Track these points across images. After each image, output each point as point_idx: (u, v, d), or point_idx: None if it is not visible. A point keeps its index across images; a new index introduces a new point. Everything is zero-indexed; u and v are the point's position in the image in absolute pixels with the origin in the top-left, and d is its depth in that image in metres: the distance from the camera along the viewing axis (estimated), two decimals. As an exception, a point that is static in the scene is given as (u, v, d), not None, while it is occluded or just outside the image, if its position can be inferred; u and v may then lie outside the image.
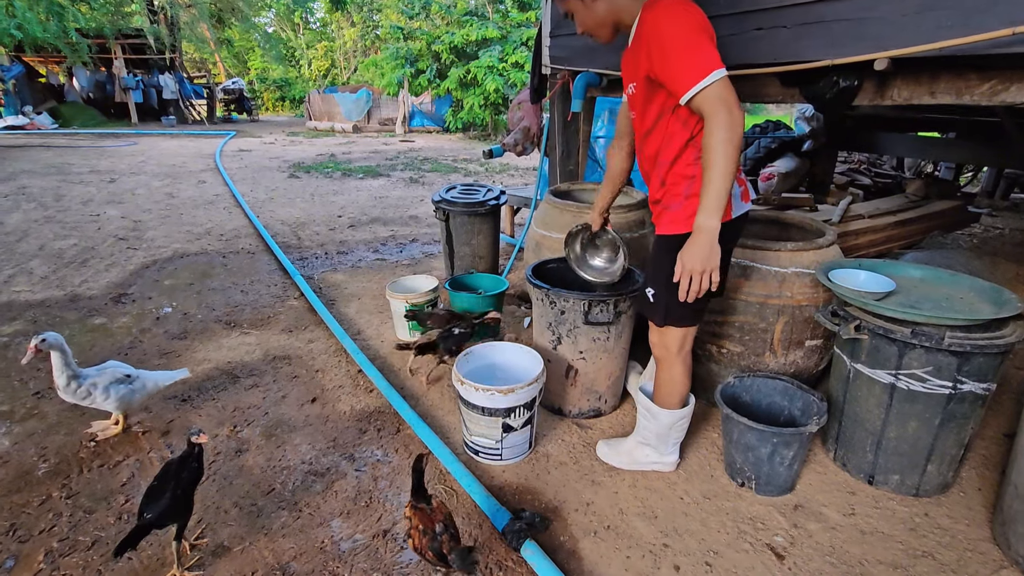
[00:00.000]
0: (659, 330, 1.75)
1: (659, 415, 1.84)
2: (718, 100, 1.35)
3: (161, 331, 3.04)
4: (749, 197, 1.69)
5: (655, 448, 1.92)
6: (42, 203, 5.94)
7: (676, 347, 1.74)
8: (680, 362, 1.77)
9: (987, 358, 1.61)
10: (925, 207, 4.01)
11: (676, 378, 1.79)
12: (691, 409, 1.88)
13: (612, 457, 2.00)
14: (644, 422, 1.91)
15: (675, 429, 1.87)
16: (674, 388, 1.81)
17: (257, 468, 1.98)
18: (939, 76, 1.74)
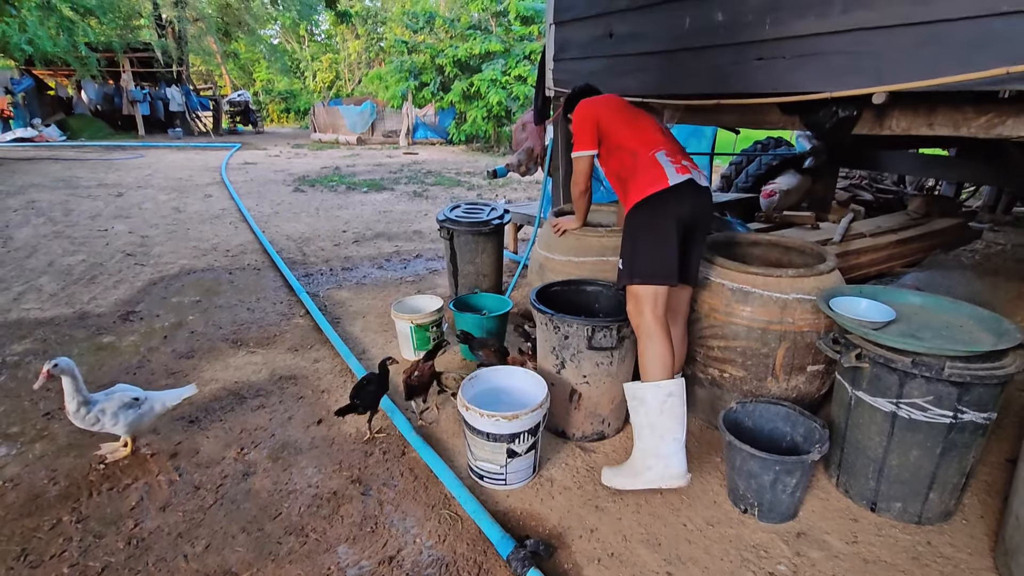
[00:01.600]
0: (633, 295, 1.96)
1: (646, 393, 1.89)
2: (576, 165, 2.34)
3: (169, 350, 3.07)
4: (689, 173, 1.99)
5: (655, 451, 1.88)
6: (51, 217, 6.01)
7: (649, 307, 1.91)
8: (656, 323, 1.91)
9: (987, 388, 1.62)
10: (927, 225, 4.03)
11: (655, 341, 1.90)
12: (681, 386, 1.90)
13: (616, 479, 1.99)
14: (636, 418, 1.93)
15: (667, 412, 1.87)
16: (656, 357, 1.89)
17: (264, 492, 2.00)
18: (936, 109, 1.78)
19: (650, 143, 2.07)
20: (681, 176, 1.96)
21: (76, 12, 13.00)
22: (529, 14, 12.84)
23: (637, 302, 1.94)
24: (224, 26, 17.15)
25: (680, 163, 2.01)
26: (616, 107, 2.23)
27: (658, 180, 1.95)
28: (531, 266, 2.94)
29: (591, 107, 2.24)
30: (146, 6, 15.08)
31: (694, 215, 1.99)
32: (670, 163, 1.99)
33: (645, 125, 2.16)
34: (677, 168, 1.99)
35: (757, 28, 2.09)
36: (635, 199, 1.98)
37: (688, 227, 1.98)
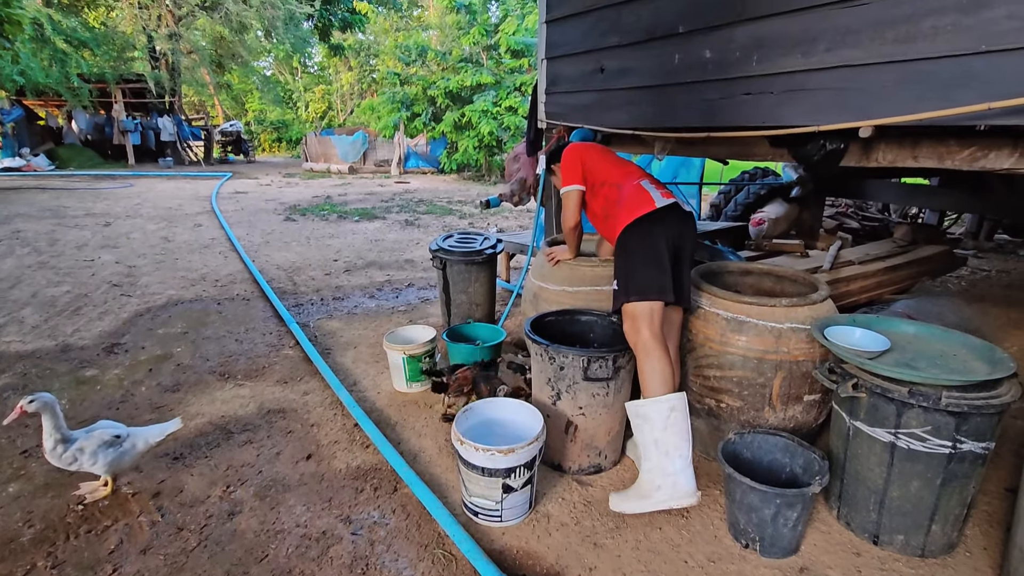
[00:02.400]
0: (629, 315, 2.00)
1: (649, 410, 1.90)
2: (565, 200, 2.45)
3: (154, 383, 3.00)
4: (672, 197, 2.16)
5: (662, 469, 1.87)
6: (36, 248, 5.94)
7: (646, 324, 1.95)
8: (654, 339, 1.94)
9: (985, 418, 1.62)
10: (913, 252, 4.09)
11: (655, 362, 1.92)
12: (683, 400, 1.91)
13: (625, 503, 1.96)
14: (641, 436, 1.95)
15: (671, 429, 1.87)
16: (656, 373, 1.91)
17: (250, 532, 1.92)
18: (921, 142, 1.82)
19: (633, 175, 2.25)
20: (667, 200, 2.11)
21: (70, 44, 13.11)
22: (519, 48, 13.15)
23: (634, 320, 1.98)
24: (218, 58, 17.36)
25: (663, 190, 2.18)
26: (600, 150, 2.45)
27: (645, 203, 2.09)
28: (525, 296, 2.93)
29: (576, 149, 2.43)
30: (141, 39, 15.26)
31: (681, 237, 2.11)
32: (655, 189, 2.16)
33: (627, 165, 2.37)
34: (662, 193, 2.14)
35: (745, 64, 2.15)
36: (625, 222, 2.10)
37: (676, 248, 2.08)
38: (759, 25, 2.09)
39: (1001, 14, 1.50)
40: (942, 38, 1.61)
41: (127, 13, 14.66)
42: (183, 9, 15.16)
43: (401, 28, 20.72)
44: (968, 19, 1.55)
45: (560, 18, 3.14)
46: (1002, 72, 1.52)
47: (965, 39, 1.57)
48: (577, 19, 3.01)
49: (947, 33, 1.60)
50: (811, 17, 1.91)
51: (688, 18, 2.35)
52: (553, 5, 3.19)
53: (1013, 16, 1.48)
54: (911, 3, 1.66)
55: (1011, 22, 1.48)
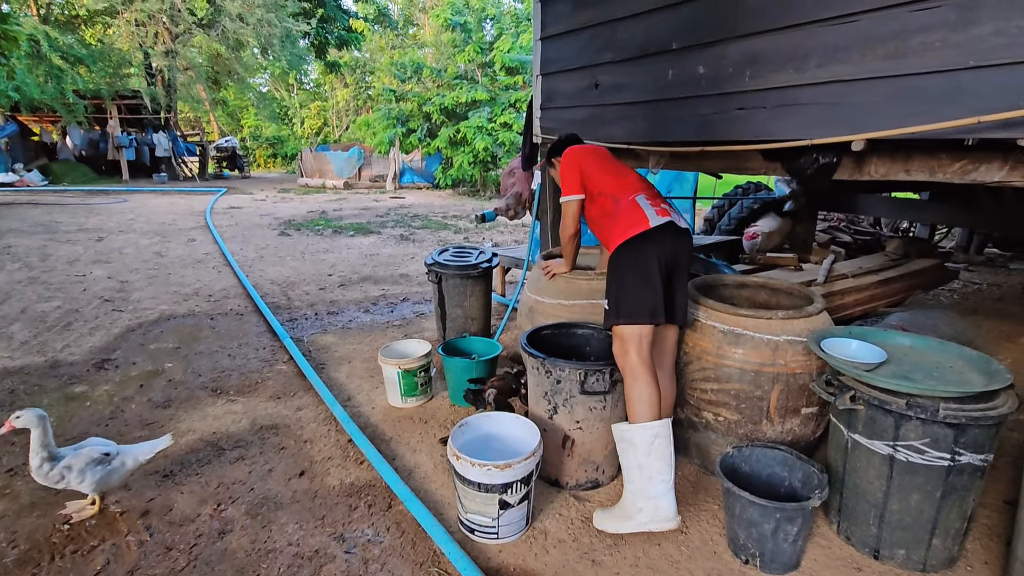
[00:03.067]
0: (618, 336, 1.98)
1: (633, 435, 1.89)
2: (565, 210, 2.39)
3: (144, 399, 2.95)
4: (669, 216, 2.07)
5: (644, 492, 1.88)
6: (27, 263, 5.89)
7: (634, 347, 1.93)
8: (642, 364, 1.92)
9: (982, 430, 1.61)
10: (906, 265, 4.12)
11: (641, 386, 1.91)
12: (667, 427, 1.91)
13: (607, 522, 1.95)
14: (625, 459, 1.94)
15: (655, 455, 1.87)
16: (643, 397, 1.90)
17: (241, 551, 1.88)
18: (913, 156, 1.84)
19: (630, 188, 2.18)
20: (661, 218, 2.04)
21: (66, 61, 13.16)
22: (514, 65, 13.31)
23: (622, 342, 1.97)
24: (214, 75, 17.46)
25: (659, 206, 2.10)
26: (599, 157, 2.36)
27: (639, 222, 2.03)
28: (521, 309, 2.92)
29: (575, 156, 2.35)
30: (137, 55, 15.33)
31: (675, 255, 2.05)
32: (650, 206, 2.08)
33: (626, 173, 2.28)
34: (657, 211, 2.07)
35: (737, 80, 2.17)
36: (618, 241, 2.05)
37: (670, 266, 2.03)
38: (751, 42, 2.13)
39: (988, 31, 1.53)
40: (931, 54, 1.64)
41: (124, 30, 14.75)
42: (180, 27, 15.27)
43: (397, 46, 20.97)
44: (956, 35, 1.58)
45: (555, 35, 3.18)
46: (991, 87, 1.54)
47: (954, 55, 1.60)
48: (572, 36, 3.05)
49: (936, 49, 1.63)
50: (802, 33, 1.94)
51: (681, 35, 2.39)
52: (548, 22, 3.23)
53: (1000, 32, 1.51)
54: (900, 20, 1.69)
55: (998, 38, 1.51)
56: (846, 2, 1.81)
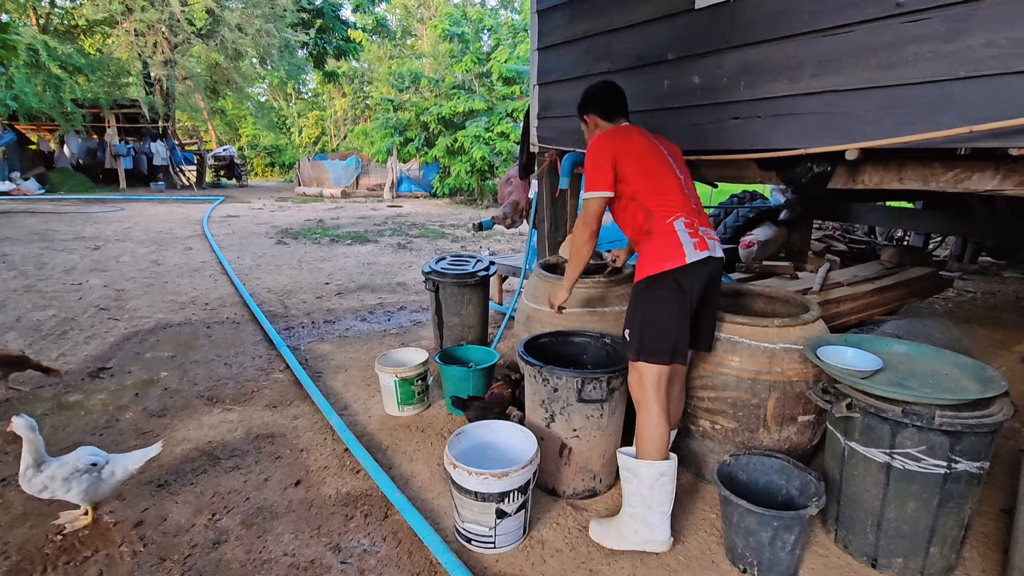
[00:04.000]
0: (636, 369, 1.91)
1: (640, 470, 1.84)
2: (586, 208, 2.02)
3: (139, 408, 2.94)
4: (707, 248, 1.90)
5: (643, 519, 1.87)
6: (23, 271, 5.86)
7: (652, 384, 1.87)
8: (657, 403, 1.86)
9: (978, 437, 1.62)
10: (901, 274, 4.14)
11: (654, 420, 1.86)
12: (673, 467, 1.86)
13: (603, 536, 1.94)
14: (627, 486, 1.91)
15: (658, 489, 1.84)
16: (654, 433, 1.85)
17: (236, 562, 1.87)
18: (906, 164, 1.86)
19: (669, 205, 1.91)
20: (699, 253, 1.85)
21: (65, 70, 13.19)
22: (511, 75, 13.39)
23: (641, 378, 1.90)
24: (212, 84, 17.53)
25: (698, 233, 1.89)
26: (638, 150, 1.98)
27: (675, 255, 1.84)
28: (518, 318, 2.92)
29: (610, 142, 1.99)
30: (135, 65, 15.39)
31: (708, 285, 1.92)
32: (688, 236, 1.86)
33: (665, 178, 1.96)
34: (696, 242, 1.86)
35: (732, 90, 2.20)
36: (649, 270, 1.89)
37: (702, 297, 1.92)
38: (746, 52, 2.15)
39: (979, 42, 1.55)
40: (923, 64, 1.66)
41: (123, 40, 14.81)
42: (179, 36, 15.35)
43: (395, 56, 21.10)
44: (948, 46, 1.61)
45: (552, 45, 3.21)
46: (982, 97, 1.56)
47: (945, 65, 1.62)
48: (568, 46, 3.08)
49: (928, 60, 1.65)
50: (796, 44, 1.97)
51: (677, 46, 2.41)
52: (545, 33, 3.26)
53: (990, 44, 1.53)
54: (892, 31, 1.71)
55: (988, 49, 1.54)
56: (839, 13, 1.83)
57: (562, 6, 3.10)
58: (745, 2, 2.12)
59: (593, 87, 2.21)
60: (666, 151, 2.05)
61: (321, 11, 17.98)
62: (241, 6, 15.65)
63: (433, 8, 20.41)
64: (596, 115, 2.20)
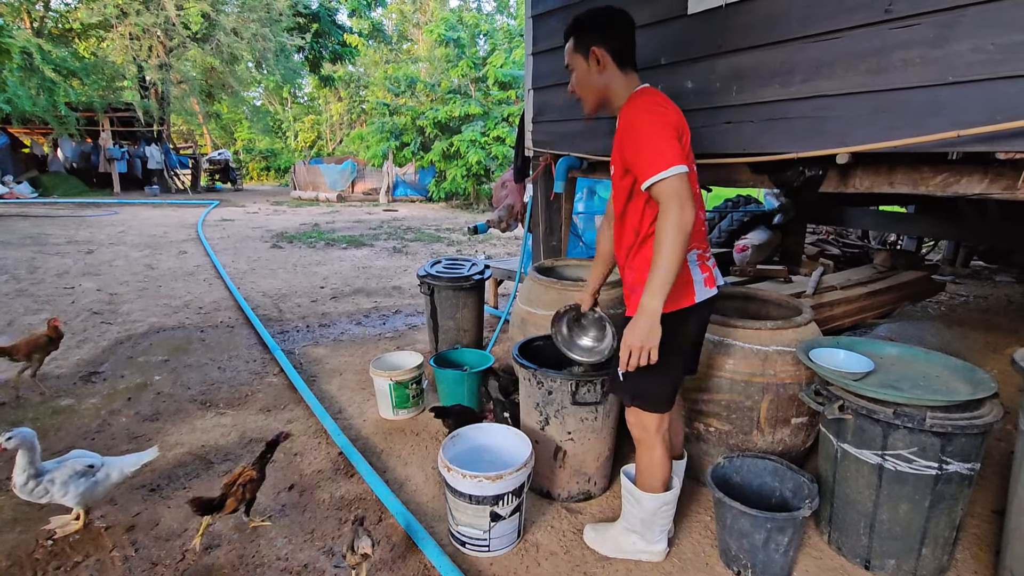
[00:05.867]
0: (635, 414, 1.76)
1: (643, 500, 1.79)
2: (673, 193, 1.43)
3: (132, 412, 2.92)
4: (715, 283, 1.70)
5: (642, 535, 1.86)
6: (15, 275, 5.82)
7: (654, 427, 1.73)
8: (660, 442, 1.75)
9: (969, 438, 1.63)
10: (894, 277, 4.17)
11: (656, 460, 1.76)
12: (676, 494, 1.83)
13: (599, 544, 1.93)
14: (629, 507, 1.86)
15: (660, 515, 1.81)
16: (655, 471, 1.77)
17: (228, 567, 1.85)
18: (896, 168, 1.87)
19: None
20: (707, 290, 1.65)
21: (59, 73, 13.14)
22: (507, 80, 13.44)
23: (639, 419, 1.75)
24: (208, 88, 17.49)
25: (706, 265, 1.68)
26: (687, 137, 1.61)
27: (684, 294, 1.60)
28: (513, 321, 2.93)
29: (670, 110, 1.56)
30: (131, 68, 15.34)
31: (709, 318, 1.81)
32: (699, 269, 1.65)
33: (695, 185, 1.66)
34: (706, 277, 1.66)
35: (725, 95, 2.21)
36: None
37: (702, 331, 1.80)
38: (738, 57, 2.17)
39: (966, 47, 1.57)
40: (912, 69, 1.68)
41: (118, 44, 14.77)
42: (174, 40, 15.33)
43: (391, 60, 21.14)
44: (935, 52, 1.63)
45: (547, 50, 3.23)
46: (969, 102, 1.58)
47: (933, 71, 1.64)
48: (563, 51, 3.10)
49: (916, 65, 1.67)
50: (787, 49, 1.99)
51: (669, 51, 2.43)
52: (540, 38, 3.28)
53: (977, 49, 1.55)
54: (881, 36, 1.73)
55: (975, 55, 1.56)
56: (829, 19, 1.85)
57: (556, 11, 3.12)
58: (737, 8, 2.14)
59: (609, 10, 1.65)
60: None
61: (317, 15, 17.99)
62: (237, 10, 15.65)
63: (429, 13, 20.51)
64: (609, 53, 1.62)
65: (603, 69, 1.65)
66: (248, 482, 1.93)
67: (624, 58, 1.65)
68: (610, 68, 1.64)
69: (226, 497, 1.89)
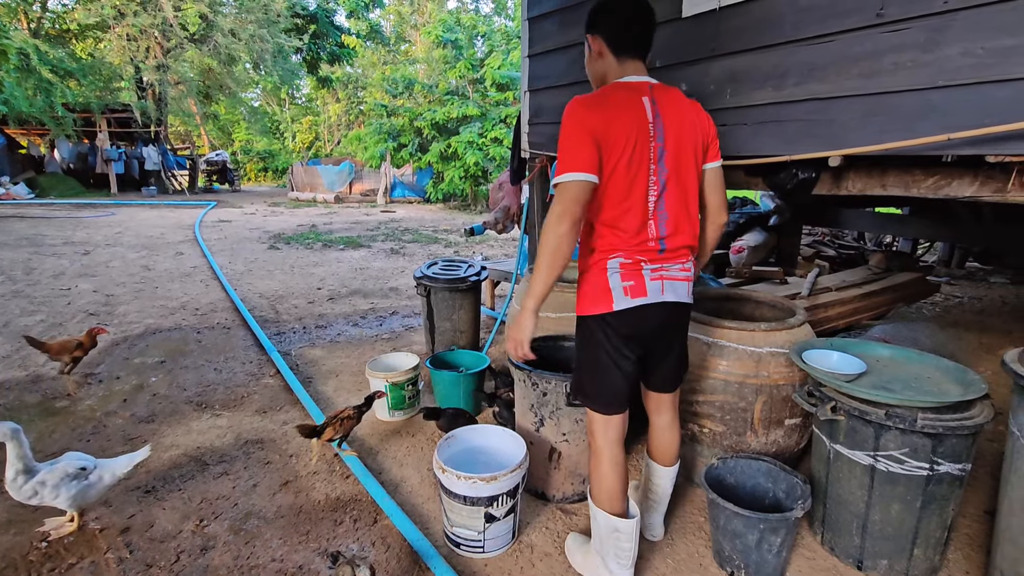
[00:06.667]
0: (586, 412, 1.71)
1: (596, 514, 1.68)
2: (557, 199, 1.47)
3: (128, 414, 2.92)
4: (644, 294, 1.54)
5: (603, 560, 1.71)
6: (11, 276, 5.82)
7: (599, 429, 1.65)
8: (605, 450, 1.64)
9: (960, 439, 1.64)
10: (888, 279, 4.18)
11: (602, 471, 1.65)
12: (630, 527, 1.63)
13: (573, 555, 1.87)
14: (592, 524, 1.74)
15: (613, 544, 1.65)
16: (600, 482, 1.65)
17: (224, 568, 1.86)
18: (888, 171, 1.89)
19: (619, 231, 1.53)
20: (629, 300, 1.53)
21: (56, 74, 13.12)
22: (504, 81, 13.47)
23: (588, 419, 1.70)
24: (205, 89, 17.50)
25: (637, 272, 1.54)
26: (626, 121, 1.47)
27: (600, 299, 1.55)
28: (508, 322, 2.93)
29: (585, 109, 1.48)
30: (128, 69, 15.34)
31: (659, 332, 1.63)
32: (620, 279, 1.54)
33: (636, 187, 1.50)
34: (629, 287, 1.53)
35: (719, 97, 2.23)
36: (579, 308, 1.64)
37: (649, 344, 1.64)
38: (732, 60, 2.18)
39: (956, 51, 1.59)
40: (903, 73, 1.70)
41: (116, 44, 14.77)
42: (172, 41, 15.33)
43: (389, 62, 21.15)
44: (926, 56, 1.64)
45: (542, 52, 3.24)
46: (960, 105, 1.60)
47: (924, 74, 1.65)
48: (559, 53, 3.11)
49: (907, 69, 1.69)
50: (780, 53, 2.00)
51: (664, 54, 2.44)
52: (536, 40, 3.29)
53: (967, 53, 1.56)
54: (872, 40, 1.74)
55: (965, 59, 1.57)
56: (822, 23, 1.87)
57: (552, 14, 3.13)
58: (730, 11, 2.15)
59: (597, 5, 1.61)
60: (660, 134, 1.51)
61: (315, 16, 18.02)
62: (235, 11, 15.66)
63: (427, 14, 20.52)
64: (603, 39, 1.59)
65: (598, 57, 1.63)
66: (346, 419, 2.36)
67: (621, 46, 1.58)
68: (607, 56, 1.60)
69: (326, 426, 2.33)
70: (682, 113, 1.57)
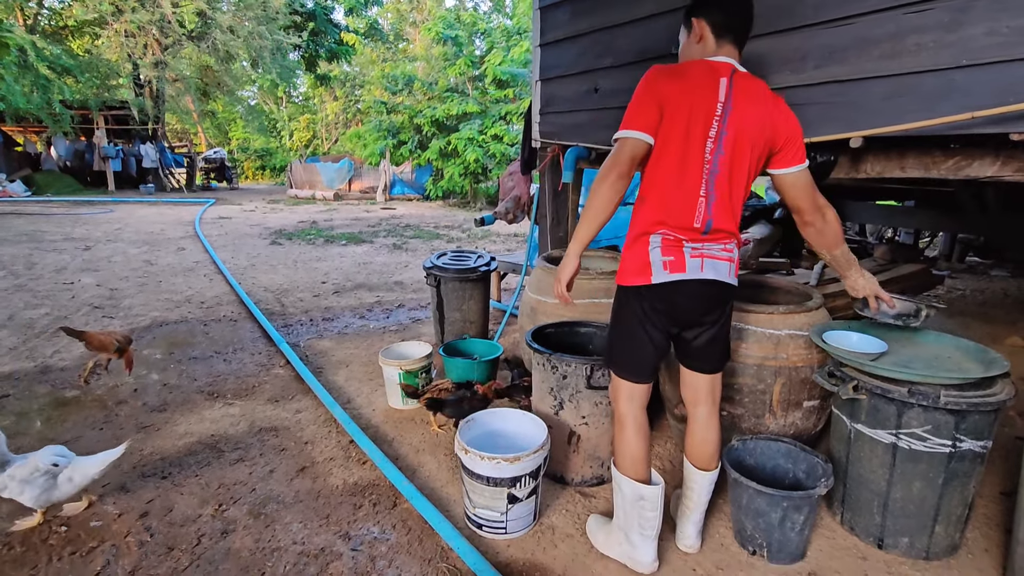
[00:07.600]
0: (612, 376, 1.79)
1: (621, 483, 1.72)
2: (612, 151, 1.58)
3: (139, 403, 2.91)
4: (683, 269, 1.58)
5: (625, 534, 1.75)
6: (12, 271, 5.78)
7: (624, 395, 1.73)
8: (628, 416, 1.71)
9: (982, 416, 1.65)
10: (893, 270, 4.20)
11: (625, 437, 1.72)
12: (655, 494, 1.67)
13: (595, 535, 1.88)
14: (615, 494, 1.78)
15: (638, 512, 1.68)
16: (622, 448, 1.72)
17: (245, 551, 1.85)
18: (908, 153, 1.90)
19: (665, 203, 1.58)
20: (667, 275, 1.57)
21: (53, 71, 13.04)
22: (505, 78, 13.46)
23: (614, 389, 1.77)
24: (203, 86, 17.41)
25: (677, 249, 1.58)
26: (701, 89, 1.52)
27: (639, 271, 1.61)
28: (522, 310, 2.94)
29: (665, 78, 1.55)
30: (126, 66, 15.25)
31: (694, 310, 1.65)
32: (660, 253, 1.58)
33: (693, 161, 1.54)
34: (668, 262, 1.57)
35: (735, 81, 2.23)
36: (620, 278, 1.70)
37: (683, 321, 1.67)
38: (750, 45, 2.17)
39: (980, 31, 1.60)
40: (925, 54, 1.71)
41: (113, 41, 14.67)
42: (170, 38, 15.24)
43: (388, 59, 21.11)
44: (950, 36, 1.65)
45: (554, 41, 3.24)
46: (983, 84, 1.61)
47: (947, 55, 1.66)
48: (570, 42, 3.12)
49: (930, 49, 1.70)
50: (799, 36, 2.01)
51: (679, 40, 2.44)
52: (547, 29, 3.29)
53: (991, 32, 1.57)
54: (895, 21, 1.75)
55: (989, 38, 1.58)
56: (843, 5, 1.88)
57: (564, 3, 3.14)
58: (748, -5, 2.15)
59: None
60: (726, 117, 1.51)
61: (313, 14, 17.94)
62: (233, 8, 15.59)
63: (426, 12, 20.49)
64: (707, 23, 1.61)
65: (698, 41, 1.65)
66: (443, 391, 2.50)
67: (723, 31, 1.61)
68: (707, 41, 1.62)
69: (425, 392, 2.54)
70: (756, 105, 1.56)
